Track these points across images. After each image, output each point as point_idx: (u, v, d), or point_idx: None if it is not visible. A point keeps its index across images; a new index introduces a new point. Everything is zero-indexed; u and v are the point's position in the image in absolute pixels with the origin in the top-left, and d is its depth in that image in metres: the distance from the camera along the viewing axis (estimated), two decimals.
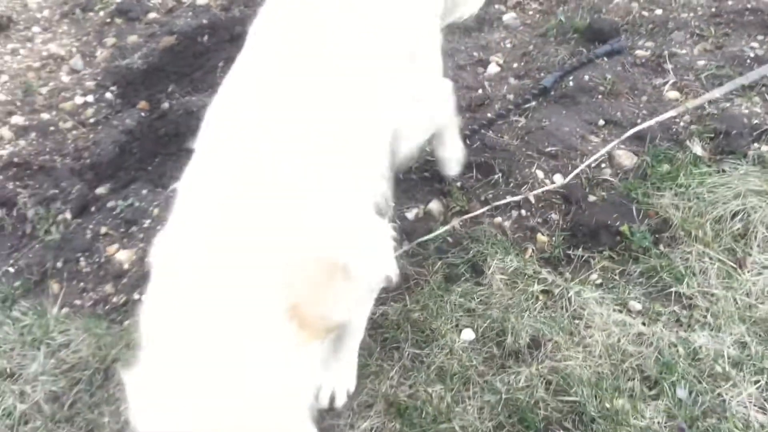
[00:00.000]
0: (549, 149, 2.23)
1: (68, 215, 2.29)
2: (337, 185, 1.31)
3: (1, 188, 2.41)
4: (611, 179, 2.14)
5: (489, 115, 2.40)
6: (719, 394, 1.64)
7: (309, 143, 1.29)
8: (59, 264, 2.16)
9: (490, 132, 2.33)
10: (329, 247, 1.22)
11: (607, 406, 1.63)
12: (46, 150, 2.56)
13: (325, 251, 1.20)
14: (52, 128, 2.65)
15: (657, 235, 1.97)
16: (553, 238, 2.03)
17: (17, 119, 2.70)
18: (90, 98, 2.75)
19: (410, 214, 2.17)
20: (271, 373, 1.09)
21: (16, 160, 2.52)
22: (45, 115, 2.71)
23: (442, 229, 2.06)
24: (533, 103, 2.40)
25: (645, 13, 2.73)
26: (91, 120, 2.66)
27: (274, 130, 1.29)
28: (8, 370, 1.94)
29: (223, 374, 1.05)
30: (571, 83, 2.45)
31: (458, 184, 2.20)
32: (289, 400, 1.12)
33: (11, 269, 2.19)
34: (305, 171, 1.25)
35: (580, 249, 1.98)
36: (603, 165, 2.19)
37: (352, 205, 1.38)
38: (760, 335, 1.75)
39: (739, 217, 1.96)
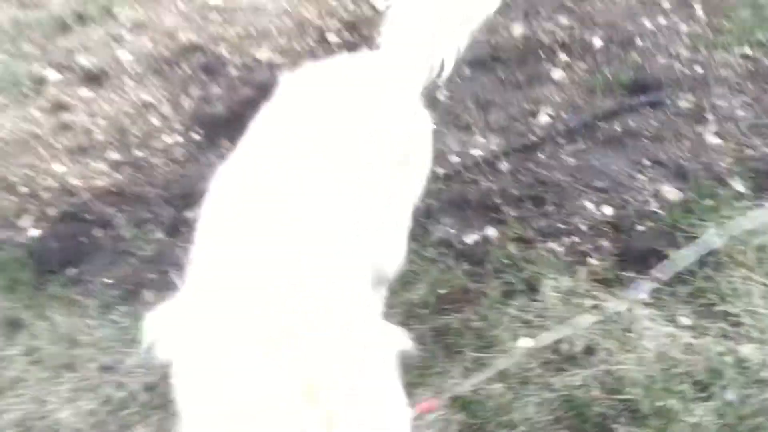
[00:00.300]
0: (597, 184, 2.47)
1: (160, 234, 2.58)
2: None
3: (100, 212, 2.73)
4: (658, 211, 2.35)
5: (540, 155, 2.66)
6: (765, 399, 1.78)
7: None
8: (153, 276, 2.44)
9: (542, 169, 2.58)
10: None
11: (660, 404, 1.79)
12: (139, 182, 2.90)
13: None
14: (144, 164, 3.00)
15: (702, 260, 2.16)
16: (604, 262, 2.23)
17: (114, 155, 3.06)
18: (179, 139, 3.11)
19: (469, 239, 2.40)
20: None
21: (113, 189, 2.86)
22: (138, 153, 3.06)
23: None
24: (582, 146, 2.66)
25: (686, 71, 3.00)
26: (180, 157, 3.00)
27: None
28: (108, 363, 2.20)
29: None
30: (618, 128, 2.70)
31: (513, 214, 2.43)
32: None
33: (109, 281, 2.48)
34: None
35: (632, 271, 2.17)
36: (650, 199, 2.40)
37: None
38: None
39: None
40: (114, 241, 2.62)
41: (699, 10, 3.38)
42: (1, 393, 2.22)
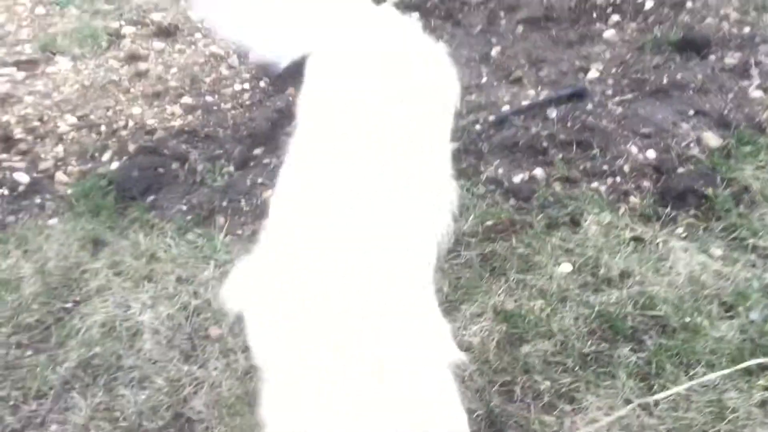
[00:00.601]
0: (643, 131, 2.63)
1: (231, 168, 2.86)
2: None
3: (175, 148, 3.02)
4: (699, 155, 2.50)
5: (589, 106, 2.83)
6: None
7: None
8: (224, 203, 2.72)
9: (590, 117, 2.75)
10: None
11: (687, 320, 1.97)
12: (210, 123, 3.18)
13: None
14: (215, 108, 3.28)
15: (738, 199, 2.32)
16: (644, 201, 2.40)
17: (186, 100, 3.35)
18: (246, 86, 3.38)
19: (516, 179, 2.60)
20: None
21: (186, 129, 3.14)
22: (209, 98, 3.34)
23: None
24: (629, 96, 2.82)
25: (734, 30, 3.12)
26: (248, 102, 3.27)
27: None
28: (184, 276, 2.48)
29: None
30: (664, 80, 2.85)
31: (560, 156, 2.62)
32: None
33: (184, 207, 2.76)
34: None
35: (669, 208, 2.35)
36: (692, 145, 2.56)
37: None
38: None
39: None
40: (189, 173, 2.91)
41: None
42: (88, 299, 2.53)
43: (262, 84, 3.37)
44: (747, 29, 3.13)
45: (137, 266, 2.56)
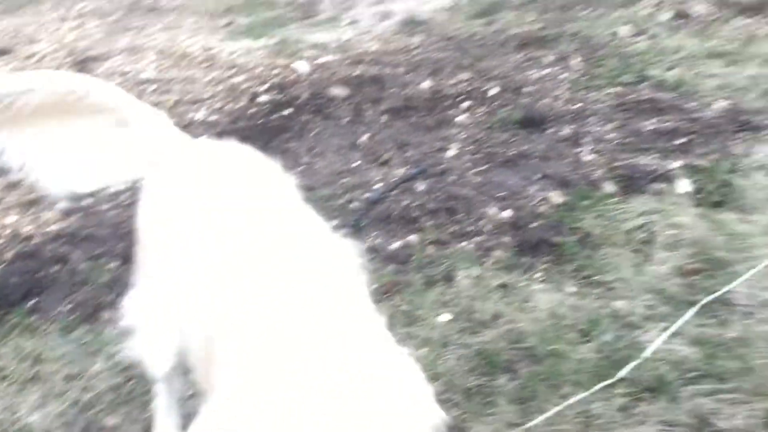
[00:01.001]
0: (499, 195, 3.04)
1: (115, 264, 2.94)
2: None
3: (54, 251, 3.07)
4: (547, 211, 2.92)
5: (451, 178, 3.22)
6: (634, 337, 2.30)
7: None
8: (110, 298, 2.78)
9: (453, 187, 3.13)
10: None
11: (552, 348, 2.27)
12: (90, 225, 3.26)
13: None
14: (93, 210, 3.37)
15: (583, 244, 2.72)
16: (506, 253, 2.75)
17: (62, 205, 3.42)
18: (122, 187, 3.51)
19: (394, 246, 2.88)
20: None
21: (65, 232, 3.21)
22: (86, 201, 3.44)
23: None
24: (485, 167, 3.25)
25: (567, 107, 3.70)
26: (126, 202, 3.39)
27: None
28: (73, 373, 2.50)
29: None
30: (512, 152, 3.31)
31: (430, 222, 2.95)
32: None
33: (69, 306, 2.80)
34: None
35: (527, 257, 2.70)
36: (541, 203, 2.98)
37: None
38: (665, 302, 2.44)
39: (643, 228, 2.74)
40: (70, 274, 2.95)
41: (576, 61, 4.15)
42: None
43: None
44: (578, 105, 3.71)
45: (22, 369, 2.55)
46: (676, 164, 3.09)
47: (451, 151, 3.55)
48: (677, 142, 3.25)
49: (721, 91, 3.60)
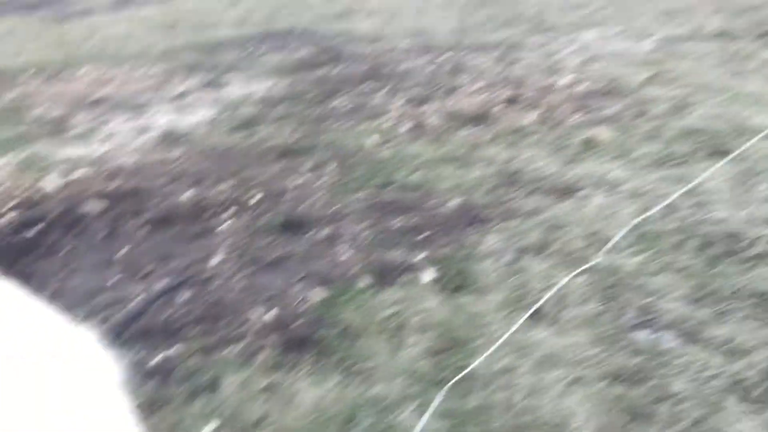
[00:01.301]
0: (263, 296, 3.13)
1: None
2: None
3: None
4: (310, 308, 3.06)
5: (215, 284, 3.26)
6: (392, 419, 2.47)
7: None
8: None
9: (216, 293, 3.16)
10: None
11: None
12: None
13: None
14: None
15: (344, 336, 2.89)
16: (272, 353, 2.82)
17: None
18: None
19: (153, 362, 2.81)
20: None
21: None
22: None
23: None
24: (249, 271, 3.34)
25: (325, 210, 3.96)
26: None
27: None
28: None
29: None
30: (275, 255, 3.45)
31: (194, 331, 2.93)
32: None
33: None
34: None
35: (293, 354, 2.80)
36: (304, 301, 3.12)
37: None
38: (418, 381, 2.66)
39: (396, 315, 2.99)
40: None
41: (330, 168, 4.50)
42: None
43: None
44: (334, 208, 4.00)
45: None
46: (421, 256, 3.44)
47: (216, 259, 3.59)
48: (421, 236, 3.63)
49: (455, 190, 4.13)
